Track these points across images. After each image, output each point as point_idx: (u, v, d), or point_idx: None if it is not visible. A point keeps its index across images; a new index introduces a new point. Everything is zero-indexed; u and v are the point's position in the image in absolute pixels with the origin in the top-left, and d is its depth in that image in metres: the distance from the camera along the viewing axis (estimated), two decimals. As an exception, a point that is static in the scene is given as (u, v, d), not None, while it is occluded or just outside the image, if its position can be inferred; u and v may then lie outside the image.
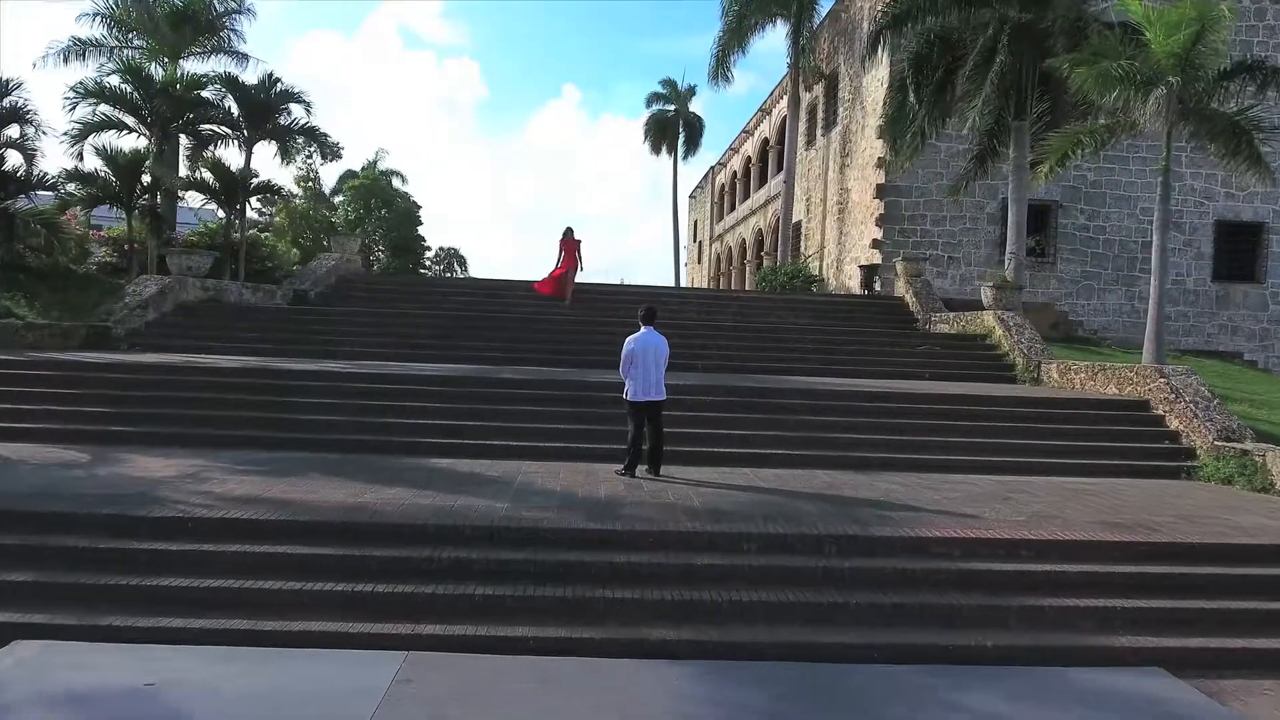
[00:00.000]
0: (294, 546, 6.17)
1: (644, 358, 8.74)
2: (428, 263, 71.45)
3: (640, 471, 8.81)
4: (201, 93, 18.04)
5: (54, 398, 10.26)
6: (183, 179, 18.38)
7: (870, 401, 11.49)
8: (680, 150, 53.78)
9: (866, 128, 26.00)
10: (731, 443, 10.18)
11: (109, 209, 17.16)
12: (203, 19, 20.96)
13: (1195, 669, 5.56)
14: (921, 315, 19.60)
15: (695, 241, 61.84)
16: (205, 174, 17.90)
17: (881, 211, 24.32)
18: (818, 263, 29.77)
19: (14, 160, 15.84)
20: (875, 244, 24.43)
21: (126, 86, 17.26)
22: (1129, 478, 9.83)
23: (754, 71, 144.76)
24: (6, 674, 4.75)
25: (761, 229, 39.43)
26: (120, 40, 20.75)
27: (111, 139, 17.23)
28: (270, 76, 18.82)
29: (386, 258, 57.13)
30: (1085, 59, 13.36)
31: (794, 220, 31.14)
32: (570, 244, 18.89)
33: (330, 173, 78.76)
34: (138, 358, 12.15)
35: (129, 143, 17.66)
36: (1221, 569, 6.62)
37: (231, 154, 22.86)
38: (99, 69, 19.33)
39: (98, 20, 20.77)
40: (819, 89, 31.00)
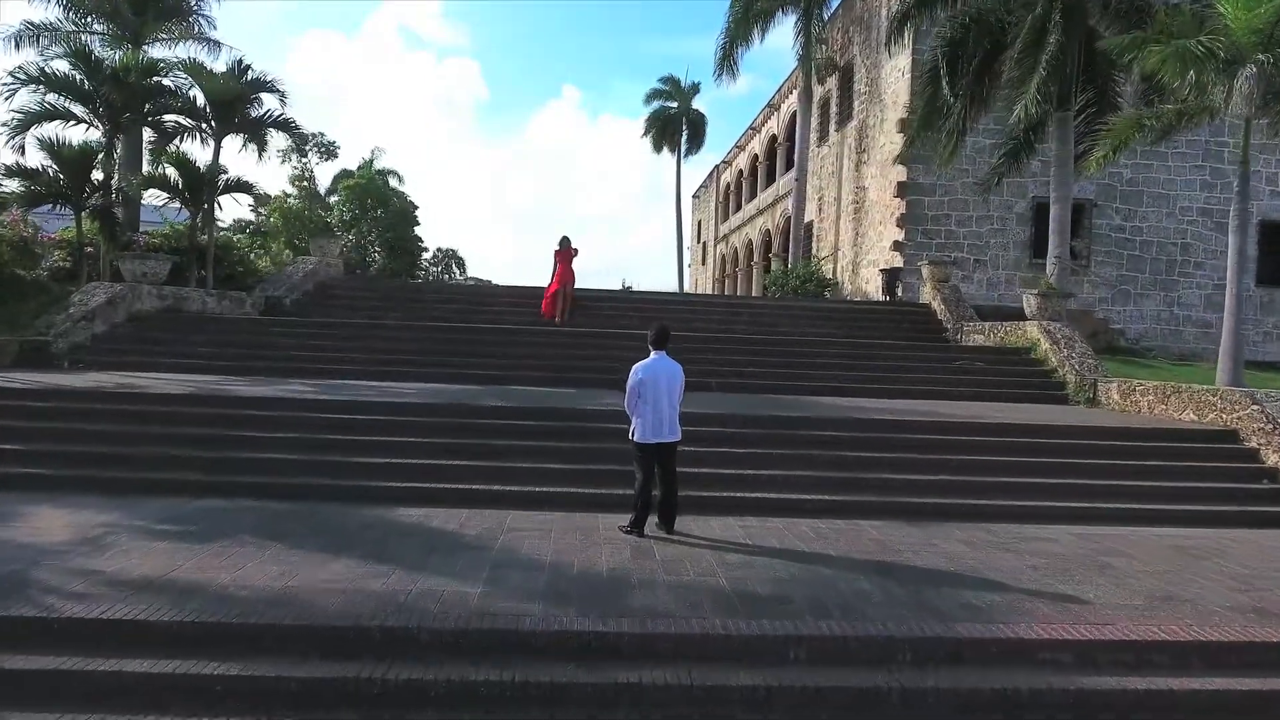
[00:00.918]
0: (187, 662, 4.59)
1: (654, 390, 7.16)
2: (424, 264, 70.03)
3: (650, 527, 7.24)
4: (162, 80, 16.44)
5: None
6: (144, 176, 16.76)
7: (914, 432, 9.87)
8: (683, 148, 52.33)
9: (885, 121, 24.41)
10: (757, 485, 8.59)
11: (53, 208, 15.54)
12: (168, 1, 19.30)
13: None
14: (952, 324, 18.01)
15: (699, 242, 60.26)
16: (169, 170, 16.27)
17: (903, 211, 22.73)
18: (831, 265, 28.18)
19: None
20: (896, 246, 22.83)
21: (76, 73, 15.64)
22: (1234, 527, 8.23)
23: (754, 72, 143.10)
24: None
25: (770, 229, 37.83)
26: (79, 24, 19.12)
27: (59, 130, 15.62)
28: (240, 63, 17.21)
29: (382, 259, 55.66)
30: (1151, 37, 11.75)
31: (805, 220, 29.54)
32: (566, 255, 17.26)
33: (325, 172, 77.30)
34: (68, 379, 10.57)
35: (80, 135, 16.08)
36: None
37: (214, 149, 21.23)
38: (40, 53, 17.66)
39: (53, 2, 19.13)
40: (832, 82, 29.39)
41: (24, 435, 8.64)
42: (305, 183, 57.60)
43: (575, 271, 17.48)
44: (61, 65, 15.92)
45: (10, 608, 4.92)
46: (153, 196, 17.05)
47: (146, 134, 18.13)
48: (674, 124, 51.19)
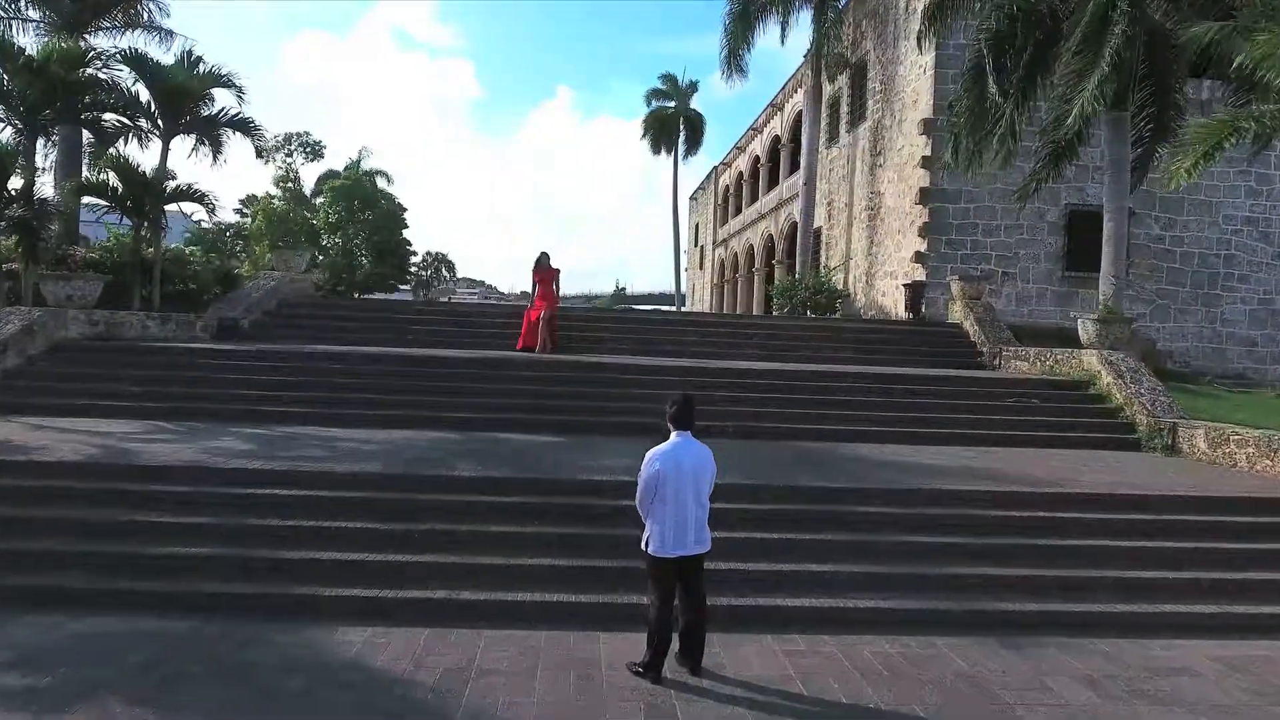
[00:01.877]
0: None
1: (677, 486, 5.31)
2: (413, 268, 68.11)
3: (671, 665, 5.41)
4: (97, 74, 14.50)
5: None
6: (77, 182, 14.76)
7: (986, 507, 7.99)
8: (680, 149, 50.66)
9: (904, 122, 22.59)
10: (800, 585, 6.75)
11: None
12: (110, -17, 17.29)
13: None
14: (988, 348, 16.20)
15: (697, 246, 58.48)
16: (110, 176, 14.31)
17: (925, 220, 20.90)
18: (843, 275, 26.36)
19: None
20: (918, 257, 21.01)
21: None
22: None
23: (753, 73, 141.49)
24: None
25: (773, 235, 36.03)
26: (7, 10, 17.12)
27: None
28: (189, 54, 15.25)
29: (369, 263, 53.71)
30: (1247, 26, 9.96)
31: (814, 226, 27.73)
32: (547, 276, 15.19)
33: (311, 172, 75.02)
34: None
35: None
36: None
37: (161, 151, 19.21)
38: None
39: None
40: (843, 79, 27.56)
41: None
42: (290, 184, 55.69)
43: (558, 293, 15.52)
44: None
45: None
46: (95, 206, 15.07)
47: (87, 135, 16.17)
48: (672, 124, 49.52)
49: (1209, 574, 7.12)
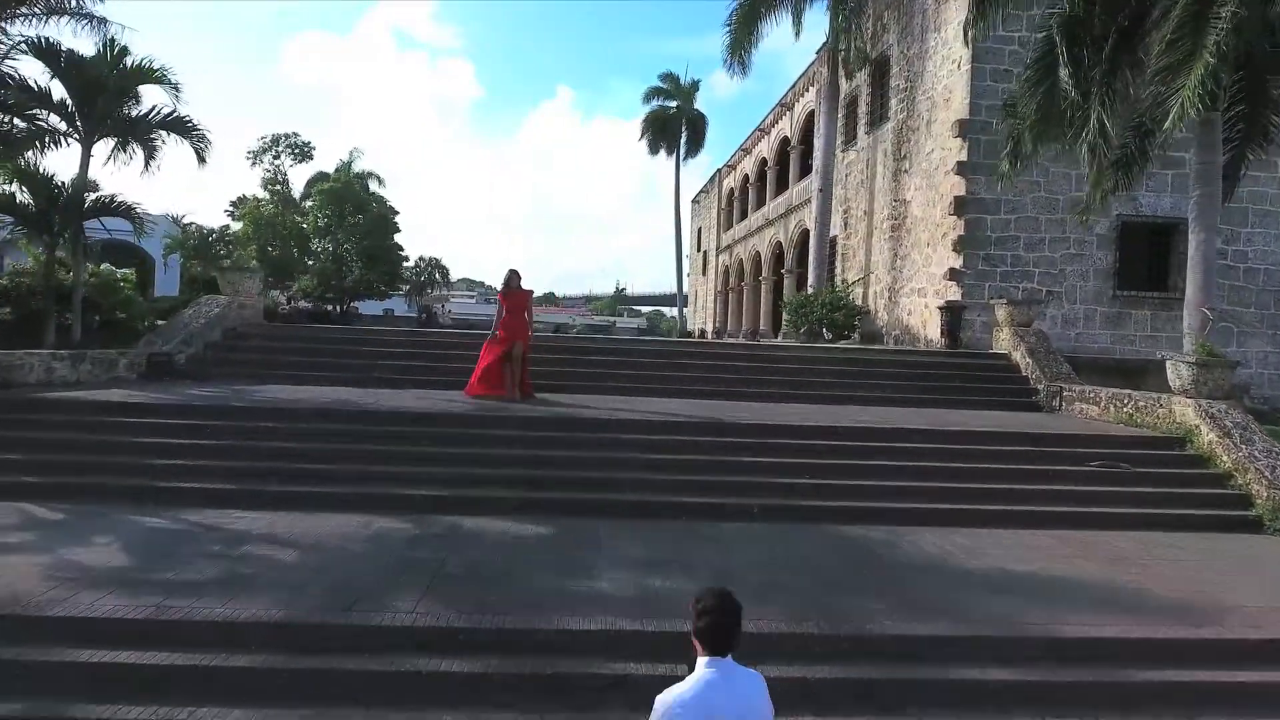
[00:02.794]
0: None
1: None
2: (406, 273, 65.88)
3: None
4: (-4, 67, 12.34)
5: None
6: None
7: (1142, 665, 5.77)
8: (682, 150, 48.61)
9: (934, 123, 20.39)
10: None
11: None
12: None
13: None
14: (1044, 386, 14.01)
15: (699, 251, 56.31)
16: (15, 188, 12.13)
17: (961, 232, 18.72)
18: (862, 290, 24.18)
19: None
20: (953, 275, 18.83)
21: None
22: None
23: (757, 75, 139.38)
24: None
25: (782, 242, 33.88)
26: (-99, -5, 14.91)
27: None
28: (111, 44, 13.06)
29: (359, 269, 51.55)
30: None
31: (830, 235, 25.58)
32: (516, 298, 12.27)
33: (300, 174, 72.60)
34: None
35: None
36: None
37: (81, 157, 16.86)
38: None
39: None
40: (861, 77, 25.38)
41: None
42: (279, 186, 53.45)
43: (531, 320, 12.41)
44: None
45: None
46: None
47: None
48: (673, 124, 47.49)
49: None
